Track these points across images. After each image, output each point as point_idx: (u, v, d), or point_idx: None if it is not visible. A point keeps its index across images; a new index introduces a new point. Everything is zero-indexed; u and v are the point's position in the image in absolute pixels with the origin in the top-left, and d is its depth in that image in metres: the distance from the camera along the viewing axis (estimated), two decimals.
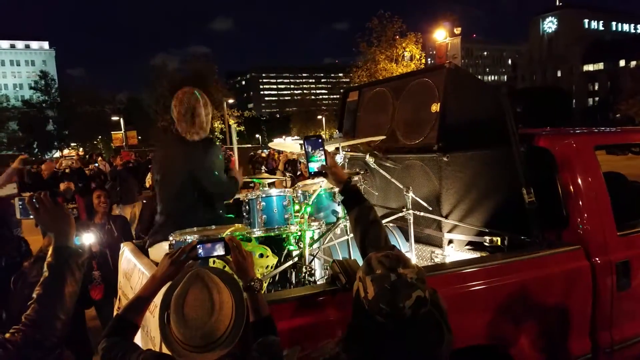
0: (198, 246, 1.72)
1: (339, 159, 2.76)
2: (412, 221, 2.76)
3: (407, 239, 2.83)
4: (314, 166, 1.86)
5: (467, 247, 3.02)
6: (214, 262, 2.01)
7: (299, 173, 8.84)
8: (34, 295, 1.40)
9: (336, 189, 2.38)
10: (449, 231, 3.04)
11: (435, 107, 2.92)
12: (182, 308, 1.45)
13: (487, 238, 2.81)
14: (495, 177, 2.86)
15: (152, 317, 2.27)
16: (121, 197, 9.47)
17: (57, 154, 48.24)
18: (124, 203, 9.43)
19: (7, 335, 1.34)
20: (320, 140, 1.87)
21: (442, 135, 2.85)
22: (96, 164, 14.07)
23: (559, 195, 2.82)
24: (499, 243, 2.76)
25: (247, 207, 2.35)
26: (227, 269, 1.80)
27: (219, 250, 1.71)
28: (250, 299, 1.70)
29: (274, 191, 2.33)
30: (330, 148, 2.82)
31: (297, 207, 2.43)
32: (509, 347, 2.43)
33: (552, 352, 2.58)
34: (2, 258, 4.61)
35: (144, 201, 6.74)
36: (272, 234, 2.30)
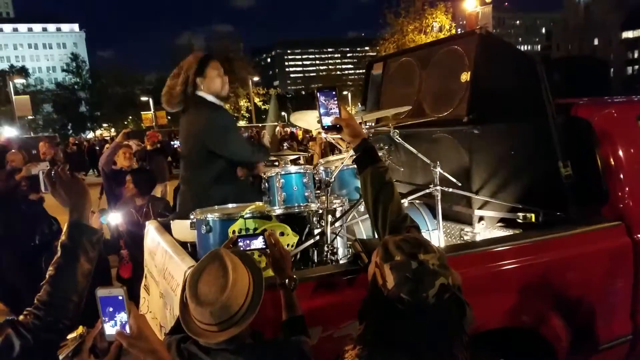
0: (239, 240, 1.77)
1: None
2: (439, 198, 2.64)
3: (435, 216, 2.72)
4: (328, 120, 1.72)
5: (499, 224, 2.89)
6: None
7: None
8: (46, 276, 1.38)
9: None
10: (480, 208, 2.92)
11: (466, 77, 2.76)
12: (197, 284, 1.44)
13: (521, 214, 2.67)
14: (530, 150, 2.71)
15: (174, 295, 2.27)
16: None
17: (91, 135, 49.62)
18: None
19: (21, 317, 1.33)
20: (334, 92, 1.72)
21: (473, 106, 2.70)
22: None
23: (598, 169, 2.66)
24: (534, 220, 2.62)
25: (266, 184, 2.29)
26: (264, 263, 1.81)
27: (259, 244, 1.76)
28: (285, 297, 1.72)
29: (293, 168, 2.26)
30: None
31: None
32: (544, 329, 2.32)
33: (590, 333, 2.47)
34: (36, 236, 4.76)
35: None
36: (292, 212, 2.23)
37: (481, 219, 2.95)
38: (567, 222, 2.53)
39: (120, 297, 1.25)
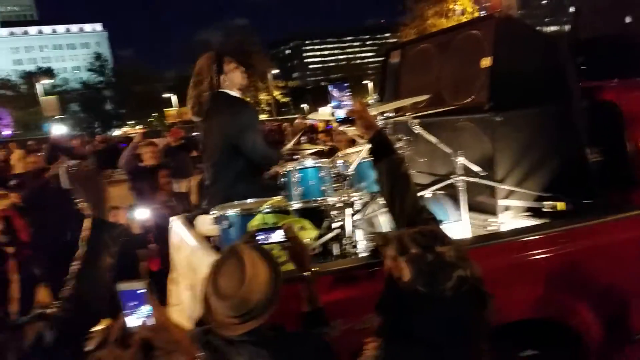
0: (258, 233, 1.79)
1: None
2: (462, 188, 2.60)
3: (458, 207, 2.68)
4: (341, 112, 1.73)
5: (525, 213, 2.82)
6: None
7: None
8: (72, 271, 1.42)
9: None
10: (504, 197, 2.85)
11: (486, 62, 2.69)
12: (217, 278, 1.48)
13: (547, 203, 2.60)
14: (556, 136, 2.64)
15: (200, 289, 2.31)
16: (175, 172, 9.85)
17: (117, 132, 50.71)
18: (179, 177, 9.81)
19: (50, 310, 1.38)
20: (346, 85, 1.74)
21: (494, 92, 2.63)
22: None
23: (628, 153, 2.57)
24: (560, 208, 2.55)
25: (283, 179, 2.29)
26: (284, 257, 1.83)
27: (277, 237, 1.77)
28: (305, 289, 1.73)
29: (309, 162, 2.25)
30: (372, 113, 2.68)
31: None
32: (572, 320, 2.27)
33: (623, 323, 2.40)
34: (68, 233, 4.92)
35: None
36: (309, 206, 2.23)
37: (506, 208, 2.89)
38: (596, 209, 2.46)
39: (141, 291, 1.28)
